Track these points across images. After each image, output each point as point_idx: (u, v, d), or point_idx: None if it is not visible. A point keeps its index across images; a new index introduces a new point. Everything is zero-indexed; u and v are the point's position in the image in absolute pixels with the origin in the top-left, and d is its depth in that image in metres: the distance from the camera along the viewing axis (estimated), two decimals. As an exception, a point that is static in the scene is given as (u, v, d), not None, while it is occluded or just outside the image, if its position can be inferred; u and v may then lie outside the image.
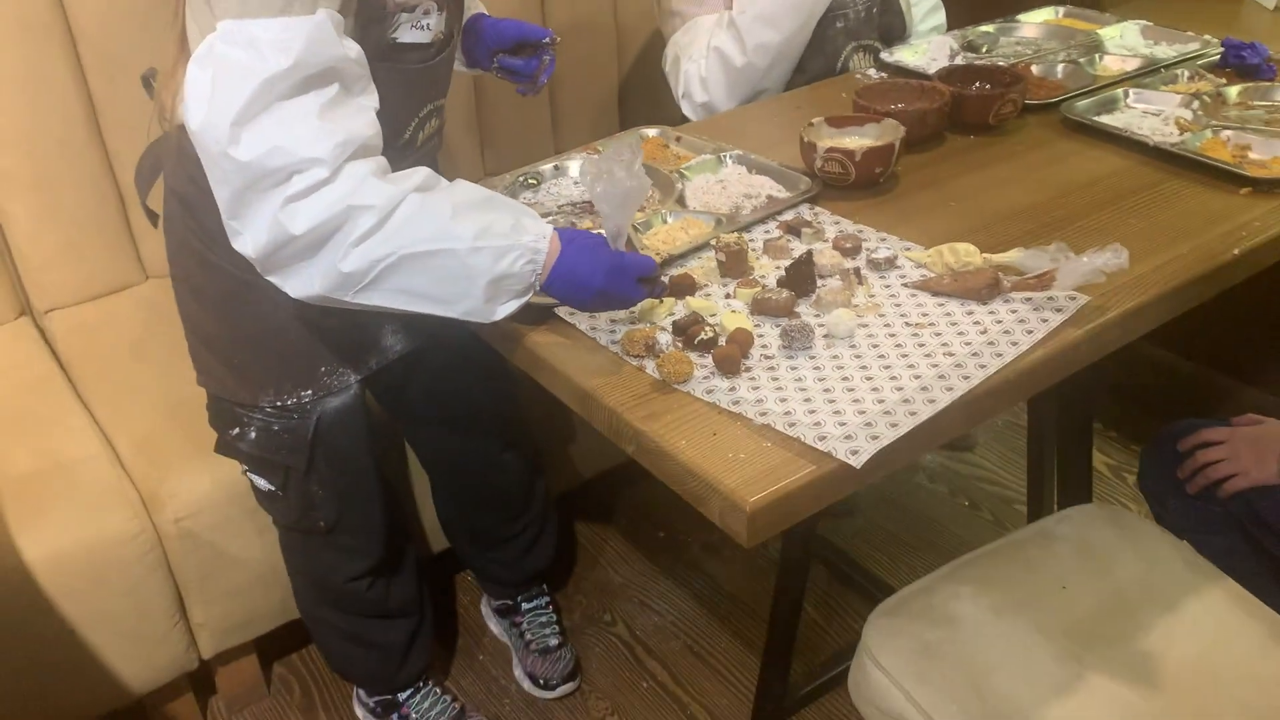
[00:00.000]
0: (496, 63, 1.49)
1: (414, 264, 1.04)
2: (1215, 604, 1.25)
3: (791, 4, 1.72)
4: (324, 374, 1.37)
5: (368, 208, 1.02)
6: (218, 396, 1.40)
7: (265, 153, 1.00)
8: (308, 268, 1.05)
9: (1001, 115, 1.54)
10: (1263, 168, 1.37)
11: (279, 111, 1.02)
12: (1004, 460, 2.30)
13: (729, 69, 1.75)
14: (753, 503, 0.90)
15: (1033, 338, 1.08)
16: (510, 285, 1.08)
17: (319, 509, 1.45)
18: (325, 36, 1.04)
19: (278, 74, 1.01)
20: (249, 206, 1.03)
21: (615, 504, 2.23)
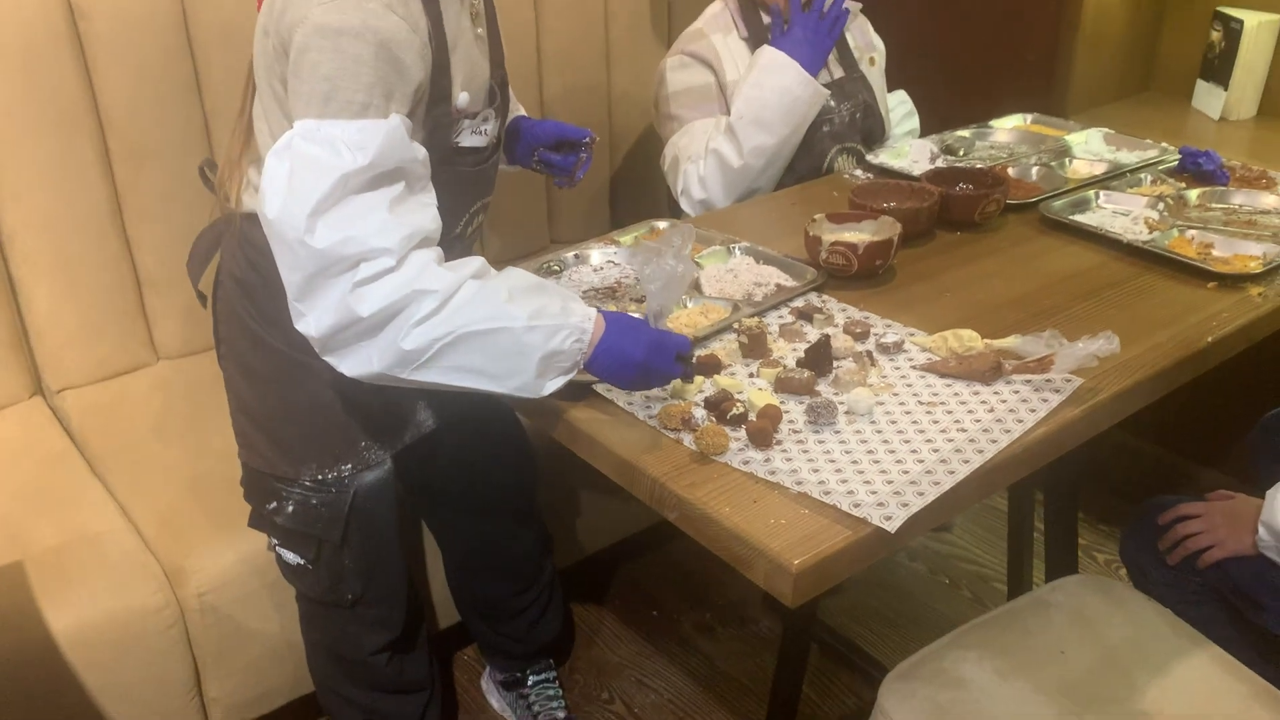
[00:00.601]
0: (537, 157, 1.59)
1: (472, 342, 1.12)
2: (1202, 666, 1.34)
3: (785, 111, 1.85)
4: (364, 448, 1.43)
5: (431, 291, 1.10)
6: (257, 471, 1.44)
7: (339, 241, 1.08)
8: (368, 347, 1.12)
9: (986, 214, 1.66)
10: (1226, 264, 1.51)
11: (352, 205, 1.10)
12: (980, 540, 2.39)
13: (726, 169, 1.87)
14: (797, 565, 0.97)
15: (1035, 416, 1.18)
16: (559, 362, 1.16)
17: (347, 581, 1.49)
18: (398, 139, 1.13)
19: (353, 171, 1.09)
20: (318, 290, 1.10)
21: (609, 583, 2.28)
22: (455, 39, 1.26)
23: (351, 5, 1.11)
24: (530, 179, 2.28)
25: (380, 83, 1.12)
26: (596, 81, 2.38)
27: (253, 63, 1.26)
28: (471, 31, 1.31)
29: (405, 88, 1.16)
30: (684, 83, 1.95)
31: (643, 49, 2.40)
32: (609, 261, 1.60)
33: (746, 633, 2.14)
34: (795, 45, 1.86)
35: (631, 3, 2.36)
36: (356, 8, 1.11)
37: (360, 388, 1.26)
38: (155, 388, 1.95)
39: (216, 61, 1.88)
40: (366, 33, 1.11)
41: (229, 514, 1.58)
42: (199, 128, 1.92)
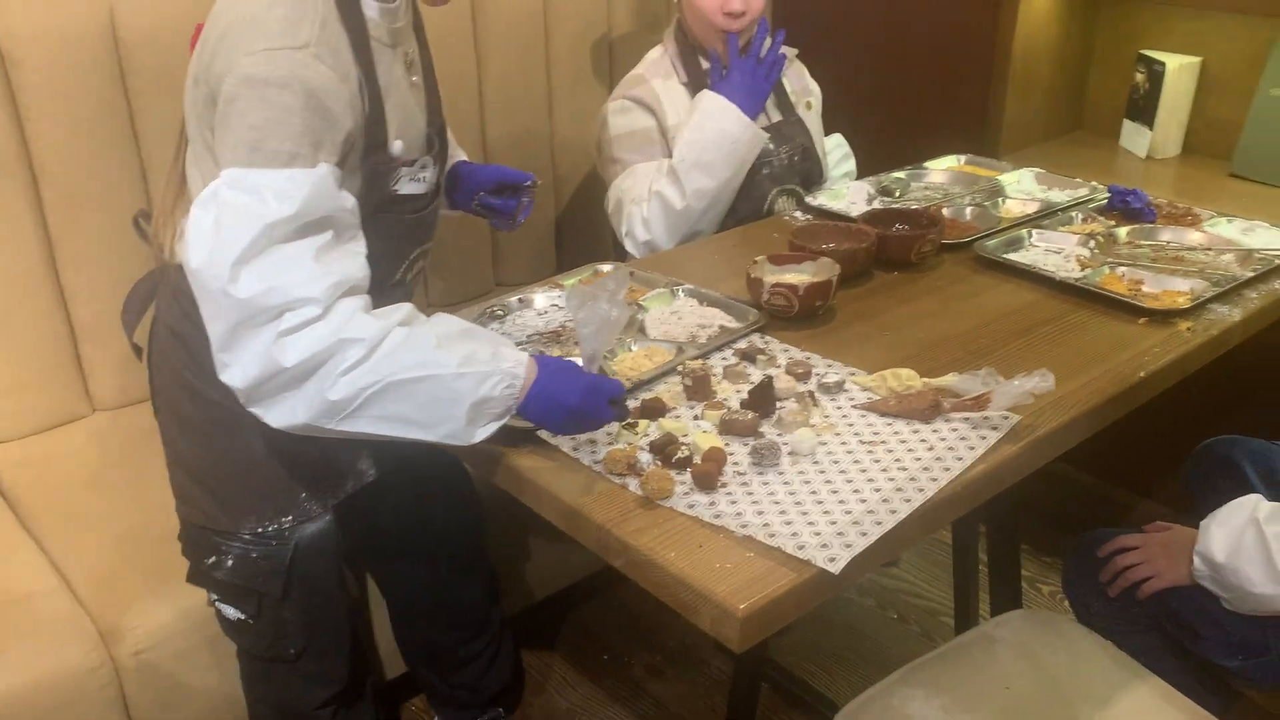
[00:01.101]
0: (478, 201, 1.59)
1: (400, 390, 1.11)
2: (1143, 698, 1.36)
3: (725, 154, 1.88)
4: (304, 500, 1.41)
5: (357, 340, 1.09)
6: (196, 525, 1.42)
7: (263, 291, 1.08)
8: (293, 398, 1.11)
9: (922, 254, 1.69)
10: (1156, 300, 1.55)
11: (277, 254, 1.09)
12: (927, 574, 2.41)
13: (669, 211, 1.89)
14: (744, 609, 0.97)
15: (975, 453, 1.19)
16: (490, 409, 1.15)
17: (290, 636, 1.46)
18: (326, 188, 1.13)
19: (279, 220, 1.09)
20: (241, 340, 1.09)
21: (560, 628, 2.26)
22: (388, 87, 1.26)
23: (280, 56, 1.11)
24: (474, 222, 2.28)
25: (308, 132, 1.12)
26: (539, 126, 2.39)
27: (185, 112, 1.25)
28: (406, 80, 1.32)
29: (334, 136, 1.16)
30: (626, 126, 1.97)
31: (584, 94, 2.42)
32: (553, 305, 1.60)
33: (698, 674, 2.13)
34: (734, 90, 1.89)
35: (572, 49, 2.39)
36: (285, 58, 1.12)
37: (298, 439, 1.24)
38: (91, 440, 1.91)
39: (153, 110, 1.86)
40: (294, 82, 1.11)
41: (167, 569, 1.54)
42: (136, 177, 1.89)
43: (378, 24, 1.25)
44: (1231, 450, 1.70)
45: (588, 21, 2.40)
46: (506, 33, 2.27)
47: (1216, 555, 1.36)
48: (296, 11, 1.14)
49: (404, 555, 1.66)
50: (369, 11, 1.23)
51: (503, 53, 2.28)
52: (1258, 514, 1.33)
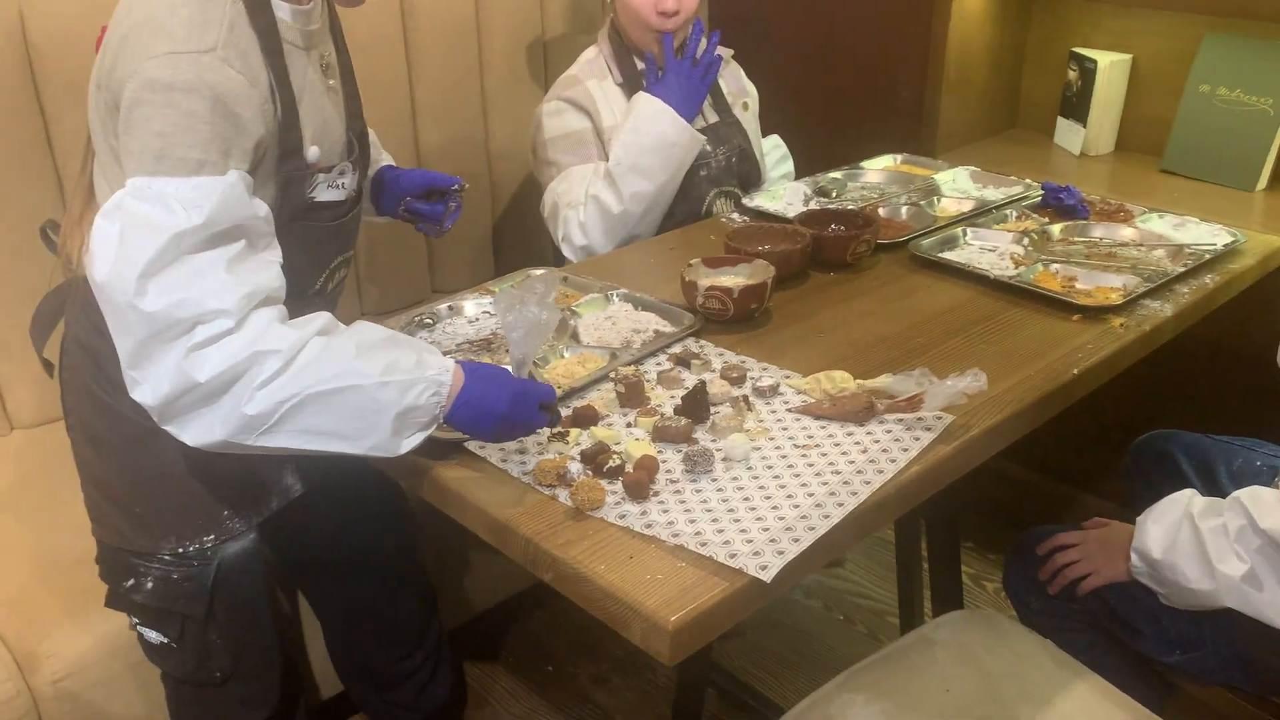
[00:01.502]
0: (404, 206, 1.55)
1: (320, 402, 1.07)
2: (1082, 696, 1.35)
3: (662, 158, 1.86)
4: (226, 518, 1.36)
5: (273, 351, 1.05)
6: (113, 547, 1.36)
7: (172, 304, 1.03)
8: (208, 414, 1.06)
9: (857, 254, 1.68)
10: (1089, 296, 1.55)
11: (187, 265, 1.05)
12: (873, 575, 2.40)
13: (607, 215, 1.86)
14: (674, 622, 0.95)
15: (908, 455, 1.18)
16: (416, 418, 1.11)
17: (215, 658, 1.41)
18: (236, 196, 1.09)
19: (188, 230, 1.05)
20: (152, 356, 1.05)
21: (502, 641, 2.22)
22: (302, 92, 1.22)
23: (185, 59, 1.07)
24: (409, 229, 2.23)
25: (216, 139, 1.08)
26: (474, 131, 2.36)
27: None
28: (322, 84, 1.28)
29: (244, 143, 1.12)
30: (561, 128, 1.94)
31: (520, 97, 2.38)
32: (484, 312, 1.57)
33: (643, 682, 2.11)
34: (670, 92, 1.87)
35: (506, 51, 2.35)
36: (190, 62, 1.07)
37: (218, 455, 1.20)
38: (7, 460, 1.84)
39: (67, 117, 1.80)
40: (201, 87, 1.07)
41: (86, 593, 1.49)
42: (50, 186, 1.83)
43: (290, 26, 1.21)
44: (1167, 444, 1.71)
45: (521, 23, 2.36)
46: (438, 37, 2.23)
47: (1153, 552, 1.36)
48: (202, 14, 1.10)
49: (335, 571, 1.62)
50: (280, 13, 1.19)
51: (434, 57, 2.24)
52: (1191, 509, 1.33)
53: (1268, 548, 1.25)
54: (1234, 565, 1.27)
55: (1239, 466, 1.63)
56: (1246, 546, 1.27)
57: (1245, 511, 1.27)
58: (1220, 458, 1.65)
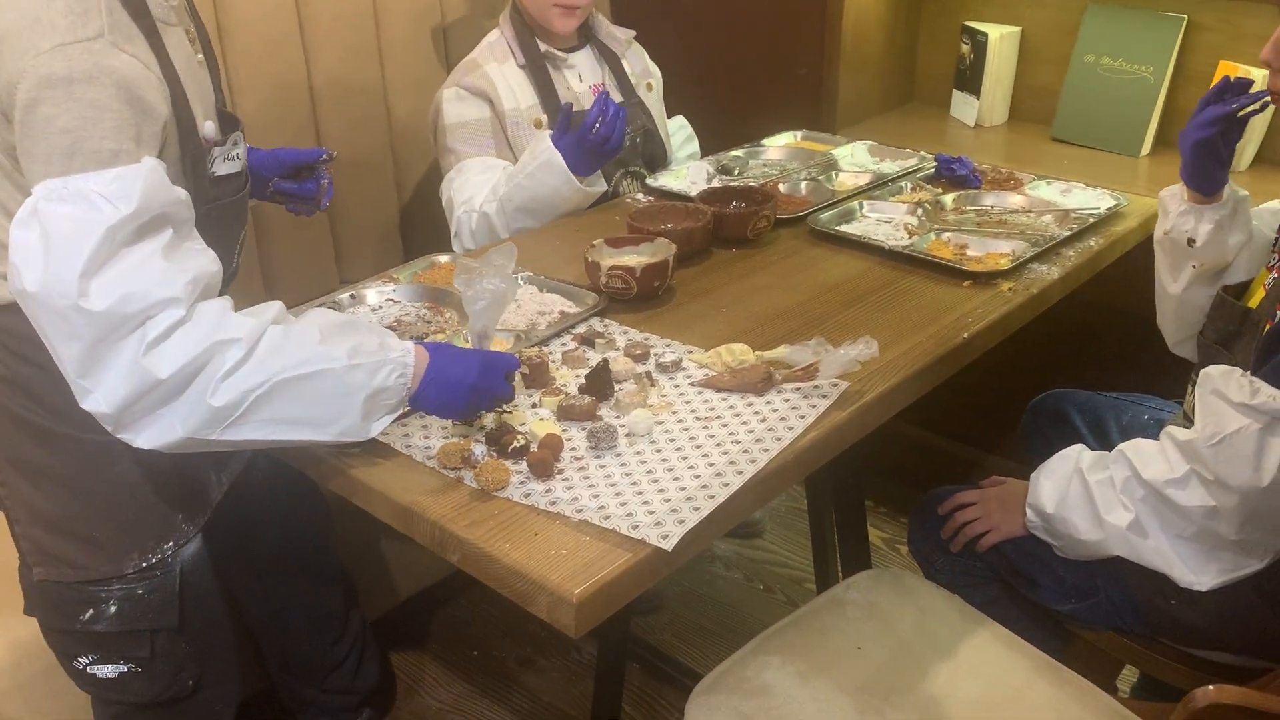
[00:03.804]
0: (273, 187, 1.53)
1: (289, 390, 1.05)
2: (987, 647, 1.41)
3: (550, 206, 1.84)
4: (181, 521, 1.35)
5: (233, 340, 1.03)
6: (65, 585, 1.31)
7: (119, 299, 1.00)
8: (168, 413, 1.03)
9: (757, 229, 1.72)
10: (979, 263, 1.60)
11: (125, 259, 1.02)
12: (790, 543, 2.45)
13: (493, 233, 1.88)
14: (578, 594, 0.97)
15: (805, 422, 1.21)
16: (385, 400, 1.12)
17: (187, 668, 1.40)
18: (158, 182, 1.06)
19: (118, 222, 1.01)
20: (104, 359, 1.01)
21: (428, 628, 2.23)
22: (182, 69, 1.20)
23: (75, 50, 1.04)
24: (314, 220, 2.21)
25: (126, 126, 1.05)
26: (376, 118, 2.33)
27: None
28: (194, 58, 1.26)
29: (152, 127, 1.09)
30: (460, 116, 1.94)
31: (422, 82, 2.36)
32: (388, 300, 1.57)
33: (568, 661, 2.13)
34: (571, 151, 1.80)
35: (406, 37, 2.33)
36: (83, 51, 1.04)
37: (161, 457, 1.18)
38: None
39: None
40: (100, 75, 1.04)
41: None
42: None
43: (158, 3, 1.18)
44: (1061, 403, 1.78)
45: (421, 7, 2.34)
46: (335, 24, 2.20)
47: (1046, 506, 1.42)
48: (79, 2, 1.07)
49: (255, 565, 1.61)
50: None
51: (332, 45, 2.21)
52: (1081, 464, 1.39)
53: (1150, 497, 1.31)
54: (1120, 515, 1.34)
55: (1128, 421, 1.70)
56: (1131, 496, 1.33)
57: (1129, 463, 1.33)
58: (1111, 414, 1.72)
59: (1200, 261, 1.52)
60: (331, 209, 2.27)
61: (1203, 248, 1.50)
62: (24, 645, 1.49)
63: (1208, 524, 1.27)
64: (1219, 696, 1.07)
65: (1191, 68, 2.14)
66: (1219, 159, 1.45)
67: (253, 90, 2.05)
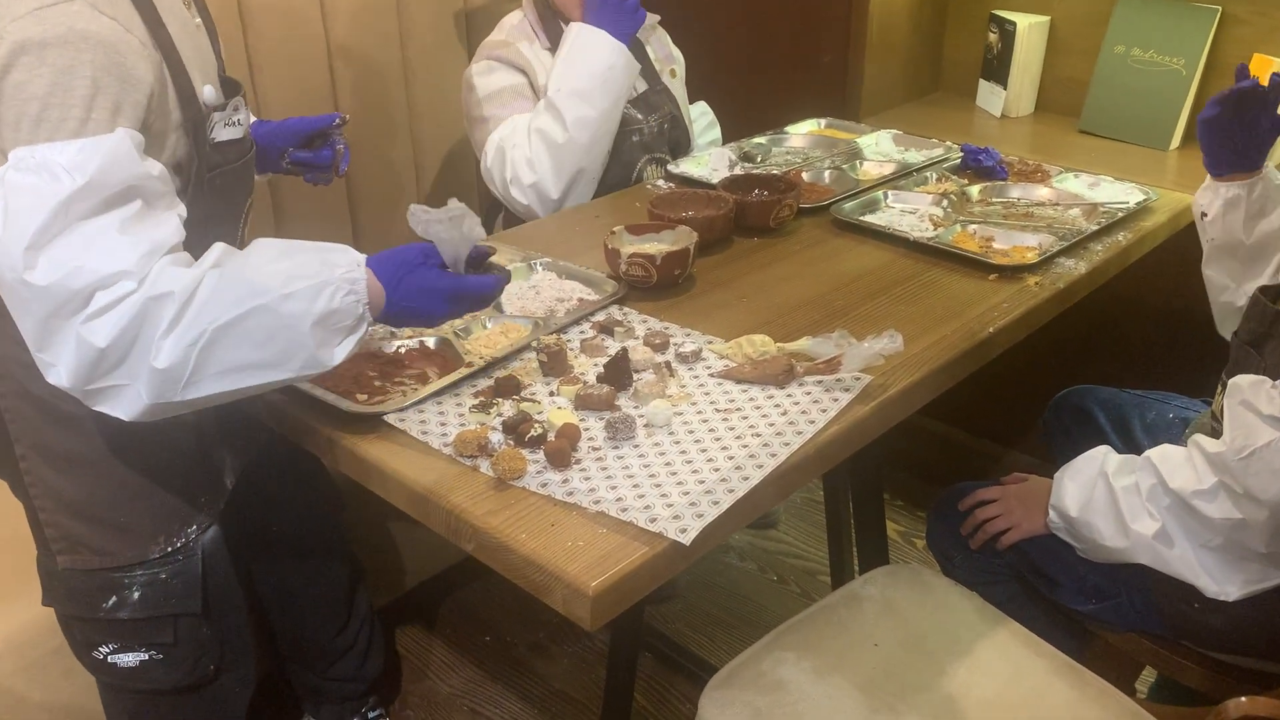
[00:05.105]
0: (287, 159, 1.51)
1: (229, 335, 1.01)
2: (1005, 646, 1.39)
3: (602, 80, 1.82)
4: (203, 504, 1.34)
5: (165, 295, 0.99)
6: (87, 571, 1.30)
7: (65, 275, 0.97)
8: (127, 382, 1.01)
9: (780, 218, 1.69)
10: (1005, 256, 1.58)
11: (77, 233, 0.99)
12: (805, 535, 2.44)
13: (552, 146, 1.83)
14: (594, 587, 0.95)
15: (827, 415, 1.20)
16: (338, 322, 1.05)
17: (209, 653, 1.39)
18: (124, 154, 1.03)
19: (73, 194, 0.98)
20: (55, 333, 0.99)
21: (438, 613, 2.22)
22: (178, 33, 1.16)
23: (52, 13, 1.01)
24: (329, 202, 2.20)
25: (101, 93, 1.02)
26: (396, 101, 2.32)
27: None
28: (190, 21, 1.23)
29: (134, 96, 1.05)
30: (495, 84, 1.92)
31: (443, 66, 2.35)
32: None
33: (581, 648, 2.12)
34: (602, 18, 1.84)
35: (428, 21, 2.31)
36: (58, 15, 1.01)
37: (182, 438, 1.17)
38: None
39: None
40: (75, 39, 1.01)
41: (2, 578, 1.46)
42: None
43: None
44: (1085, 399, 1.75)
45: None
46: (356, 6, 2.19)
47: (1069, 509, 1.39)
48: None
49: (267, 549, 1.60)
50: None
51: (354, 28, 2.20)
52: (1106, 468, 1.37)
53: (1176, 506, 1.29)
54: (1146, 524, 1.31)
55: (1153, 419, 1.67)
56: (1157, 505, 1.31)
57: (1155, 471, 1.31)
58: (1135, 411, 1.69)
59: (1211, 237, 1.56)
60: (349, 191, 2.26)
61: (1211, 222, 1.54)
62: (36, 625, 1.49)
63: (1235, 536, 1.25)
64: (1252, 708, 1.05)
65: (1224, 61, 2.10)
66: (1223, 140, 1.49)
67: (273, 70, 2.04)
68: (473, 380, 1.28)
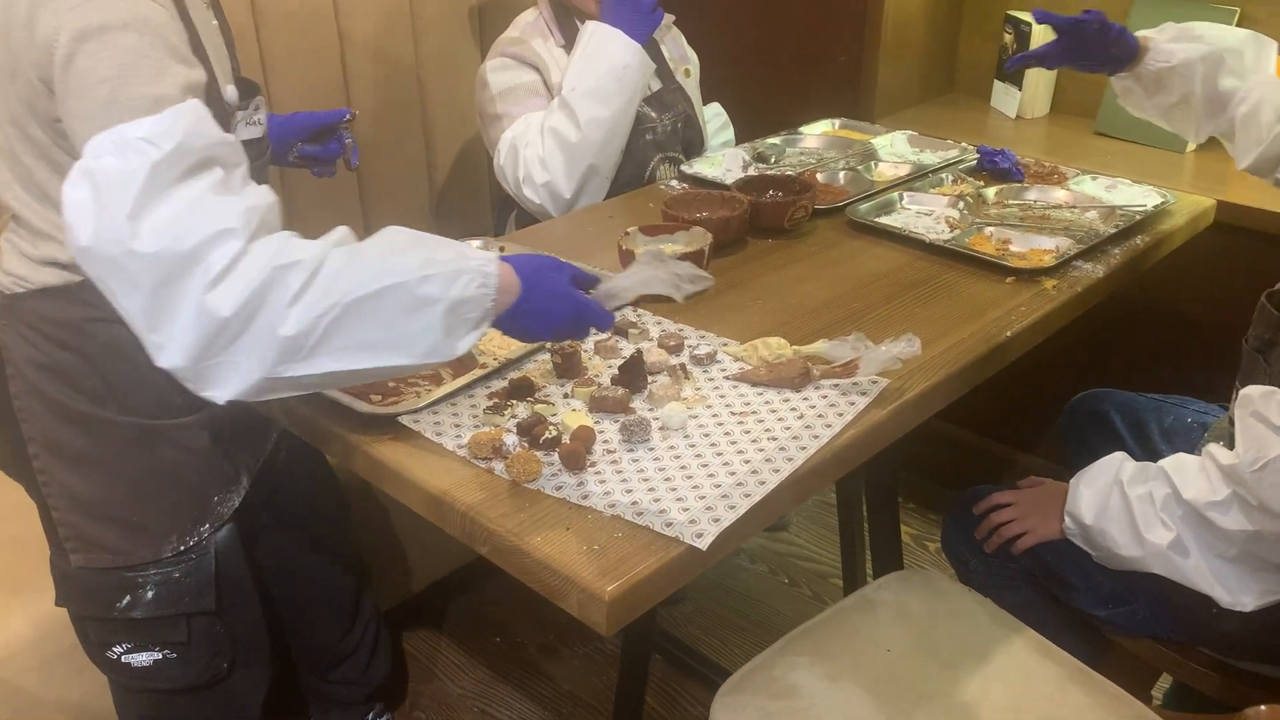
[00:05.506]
0: (295, 153, 1.51)
1: (361, 310, 0.98)
2: (1019, 653, 1.38)
3: (616, 79, 1.82)
4: (216, 503, 1.34)
5: (294, 264, 0.96)
6: (100, 570, 1.30)
7: (172, 239, 0.94)
8: (242, 353, 0.97)
9: (795, 219, 1.68)
10: (1022, 259, 1.56)
11: (174, 196, 0.97)
12: (817, 538, 2.43)
13: (565, 145, 1.83)
14: (610, 592, 0.95)
15: (843, 420, 1.19)
16: (467, 313, 1.02)
17: (222, 650, 1.39)
18: (201, 119, 1.02)
19: (163, 159, 0.96)
20: (167, 307, 0.95)
21: (447, 614, 2.22)
22: (203, 32, 1.17)
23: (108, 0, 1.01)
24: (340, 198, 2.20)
25: (165, 74, 1.02)
26: (409, 98, 2.31)
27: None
28: (210, 23, 1.24)
29: (193, 76, 1.05)
30: (509, 82, 1.91)
31: (455, 62, 2.34)
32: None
33: (591, 650, 2.12)
34: (619, 18, 1.83)
35: (441, 15, 2.31)
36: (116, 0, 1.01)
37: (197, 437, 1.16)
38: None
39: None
40: (135, 21, 1.01)
41: (16, 577, 1.46)
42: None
43: None
44: (1101, 403, 1.74)
45: (455, -13, 2.32)
46: (369, 4, 2.18)
47: (1085, 517, 1.38)
48: None
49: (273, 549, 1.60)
50: None
51: (368, 24, 2.19)
52: (1121, 476, 1.35)
53: (1191, 517, 1.28)
54: (1160, 533, 1.30)
55: (1170, 424, 1.66)
56: (1171, 515, 1.29)
57: (1169, 481, 1.30)
58: (1152, 415, 1.68)
59: None
60: (361, 187, 2.26)
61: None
62: (45, 622, 1.49)
63: (1250, 547, 1.24)
64: (1272, 716, 1.04)
65: (1243, 62, 2.08)
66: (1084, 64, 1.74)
67: (286, 66, 2.03)
68: (486, 382, 1.28)
